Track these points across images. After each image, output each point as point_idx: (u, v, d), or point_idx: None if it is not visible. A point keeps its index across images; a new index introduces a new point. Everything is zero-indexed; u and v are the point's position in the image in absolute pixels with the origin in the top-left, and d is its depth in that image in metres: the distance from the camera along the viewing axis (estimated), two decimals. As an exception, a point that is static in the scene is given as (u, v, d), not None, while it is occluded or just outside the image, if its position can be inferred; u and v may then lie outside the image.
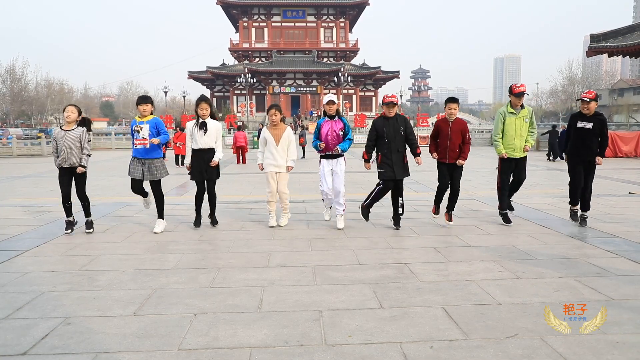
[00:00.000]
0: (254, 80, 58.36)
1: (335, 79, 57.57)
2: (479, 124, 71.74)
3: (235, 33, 70.04)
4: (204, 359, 2.87)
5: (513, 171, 6.72)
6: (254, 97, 62.30)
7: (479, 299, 3.78)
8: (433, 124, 8.25)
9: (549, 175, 13.87)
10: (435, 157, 6.57)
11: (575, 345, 2.98)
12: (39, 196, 9.84)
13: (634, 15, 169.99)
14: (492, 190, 8.73)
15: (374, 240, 5.81)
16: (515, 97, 6.46)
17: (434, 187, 7.30)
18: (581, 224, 6.46)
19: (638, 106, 65.41)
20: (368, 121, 33.96)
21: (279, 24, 65.78)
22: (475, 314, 3.48)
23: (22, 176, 14.30)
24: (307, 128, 39.74)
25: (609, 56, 20.84)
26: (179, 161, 17.49)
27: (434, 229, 6.40)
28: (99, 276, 4.44)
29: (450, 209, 6.58)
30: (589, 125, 6.36)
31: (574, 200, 6.61)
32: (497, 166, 6.87)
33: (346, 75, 57.64)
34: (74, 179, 6.18)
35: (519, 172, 6.71)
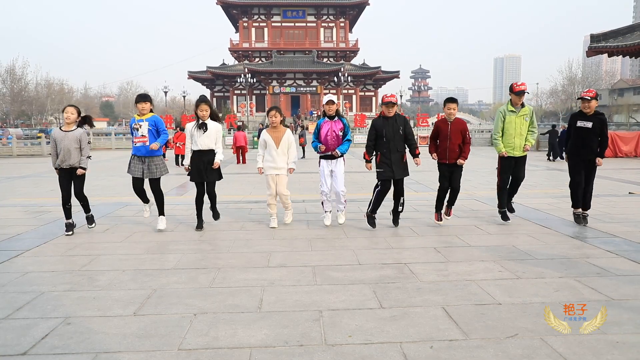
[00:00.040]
0: (254, 80, 58.39)
1: (335, 79, 57.60)
2: (479, 124, 71.78)
3: (235, 33, 70.08)
4: (204, 359, 2.87)
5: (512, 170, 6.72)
6: (254, 97, 62.34)
7: (479, 299, 3.78)
8: (433, 124, 8.24)
9: (549, 175, 13.87)
10: (434, 158, 6.56)
11: (575, 345, 2.98)
12: (39, 196, 9.84)
13: (634, 15, 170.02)
14: (492, 190, 8.73)
15: (374, 240, 5.81)
16: (516, 96, 6.46)
17: (433, 187, 7.30)
18: (581, 223, 6.46)
19: (638, 106, 65.43)
20: (368, 121, 33.95)
21: (279, 24, 65.81)
22: (475, 314, 3.48)
23: (22, 176, 14.30)
24: (307, 128, 39.76)
25: (609, 56, 20.85)
26: (179, 161, 17.50)
27: (434, 229, 6.40)
28: (99, 276, 4.44)
29: (451, 203, 6.59)
30: (588, 125, 6.35)
31: (576, 202, 6.56)
32: (497, 166, 6.87)
33: (346, 75, 57.66)
34: (73, 178, 6.18)
35: (517, 170, 6.71)
